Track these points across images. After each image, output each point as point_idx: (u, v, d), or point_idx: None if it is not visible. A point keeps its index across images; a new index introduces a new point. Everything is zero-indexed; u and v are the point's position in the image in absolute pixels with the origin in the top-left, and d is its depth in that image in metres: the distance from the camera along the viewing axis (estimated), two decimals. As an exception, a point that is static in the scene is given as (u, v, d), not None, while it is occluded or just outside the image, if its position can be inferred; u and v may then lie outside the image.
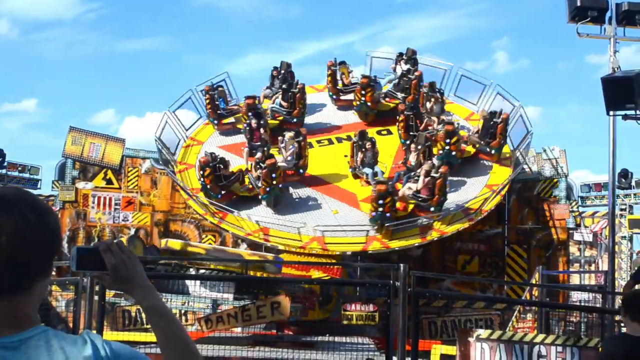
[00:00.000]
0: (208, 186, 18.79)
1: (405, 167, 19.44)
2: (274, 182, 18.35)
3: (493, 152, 20.03)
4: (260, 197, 18.66)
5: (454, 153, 19.40)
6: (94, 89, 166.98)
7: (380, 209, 17.56)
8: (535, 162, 21.68)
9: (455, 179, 19.33)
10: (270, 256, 18.81)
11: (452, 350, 11.21)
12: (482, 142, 20.15)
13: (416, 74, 22.05)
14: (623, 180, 34.96)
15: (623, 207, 35.87)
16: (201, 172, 18.98)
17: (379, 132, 21.72)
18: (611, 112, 15.24)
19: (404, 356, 9.28)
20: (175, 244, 18.75)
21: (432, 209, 18.00)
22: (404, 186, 18.42)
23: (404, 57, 23.25)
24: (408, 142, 20.15)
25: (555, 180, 20.89)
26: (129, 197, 24.77)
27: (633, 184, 36.63)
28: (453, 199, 18.72)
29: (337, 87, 22.65)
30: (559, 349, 9.88)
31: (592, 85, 18.30)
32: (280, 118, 21.85)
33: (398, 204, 18.14)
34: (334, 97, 22.95)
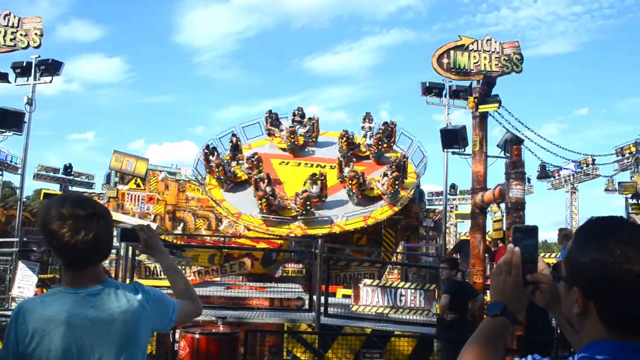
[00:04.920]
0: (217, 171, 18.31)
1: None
2: (308, 207, 17.22)
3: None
4: (299, 217, 17.46)
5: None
6: (130, 126, 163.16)
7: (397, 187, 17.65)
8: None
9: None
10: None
11: (349, 292, 11.28)
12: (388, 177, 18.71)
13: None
14: (452, 189, 36.13)
15: (452, 206, 36.87)
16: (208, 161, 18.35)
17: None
18: (445, 150, 15.66)
19: (320, 295, 9.34)
20: None
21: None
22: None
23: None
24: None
25: (413, 190, 21.16)
26: (150, 195, 24.32)
27: (457, 192, 37.84)
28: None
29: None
30: (412, 291, 10.09)
31: (435, 133, 18.85)
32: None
33: None
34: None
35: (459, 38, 11.20)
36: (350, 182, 18.22)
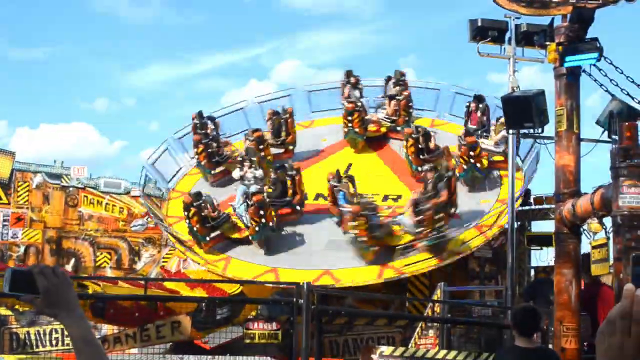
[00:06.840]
0: (195, 228, 17.60)
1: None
2: (263, 220, 17.12)
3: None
4: (250, 237, 17.70)
5: (478, 165, 19.61)
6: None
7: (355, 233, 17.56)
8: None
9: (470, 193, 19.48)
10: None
11: (354, 368, 11.33)
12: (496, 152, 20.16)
13: (404, 93, 21.37)
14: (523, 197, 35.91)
15: (521, 223, 36.77)
16: (186, 214, 17.67)
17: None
18: (510, 131, 15.72)
19: (307, 375, 9.37)
20: None
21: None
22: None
23: (392, 79, 22.48)
24: (420, 167, 19.69)
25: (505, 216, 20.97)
26: (18, 213, 24.18)
27: (531, 200, 37.56)
28: (467, 216, 18.94)
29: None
30: (460, 365, 10.18)
31: (494, 101, 19.29)
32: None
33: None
34: None
35: (530, -54, 11.30)
36: (352, 223, 17.73)
